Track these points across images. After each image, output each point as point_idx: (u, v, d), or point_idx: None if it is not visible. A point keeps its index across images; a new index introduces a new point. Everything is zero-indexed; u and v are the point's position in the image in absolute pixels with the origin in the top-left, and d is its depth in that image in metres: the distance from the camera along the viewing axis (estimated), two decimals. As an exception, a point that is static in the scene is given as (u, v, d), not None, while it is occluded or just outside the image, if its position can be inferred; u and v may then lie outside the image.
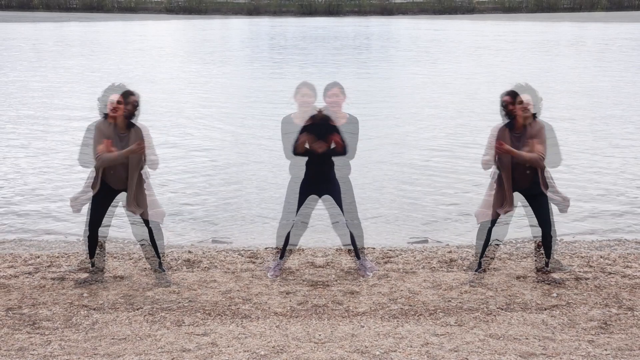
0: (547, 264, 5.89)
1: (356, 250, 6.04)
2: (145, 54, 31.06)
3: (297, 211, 5.93)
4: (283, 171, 9.52)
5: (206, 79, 22.11)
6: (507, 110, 5.63)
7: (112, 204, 5.72)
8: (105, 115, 5.56)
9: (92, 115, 5.89)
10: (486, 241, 5.84)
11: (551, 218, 5.73)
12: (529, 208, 5.82)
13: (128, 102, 5.52)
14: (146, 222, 5.67)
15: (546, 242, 5.82)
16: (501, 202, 5.66)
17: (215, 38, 44.15)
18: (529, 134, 5.58)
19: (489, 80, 20.84)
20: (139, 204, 5.57)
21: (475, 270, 5.91)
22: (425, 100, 17.45)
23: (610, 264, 6.22)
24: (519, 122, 5.60)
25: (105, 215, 5.70)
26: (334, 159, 5.85)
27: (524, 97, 5.57)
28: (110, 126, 5.54)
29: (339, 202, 5.88)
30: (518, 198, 5.73)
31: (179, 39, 43.63)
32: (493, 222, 5.76)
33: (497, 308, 5.18)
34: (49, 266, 6.22)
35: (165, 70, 24.44)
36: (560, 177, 5.84)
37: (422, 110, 15.89)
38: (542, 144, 5.52)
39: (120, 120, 5.54)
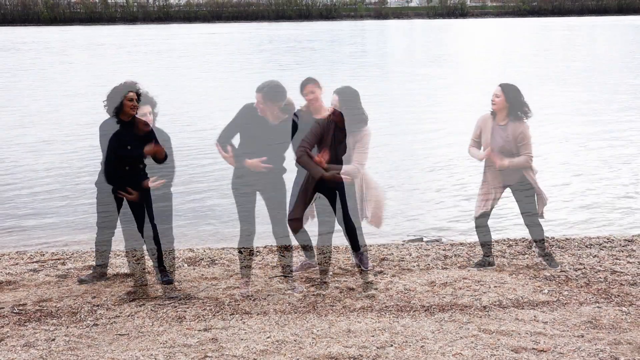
0: (540, 254, 6.04)
1: (356, 242, 5.94)
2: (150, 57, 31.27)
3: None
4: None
5: (212, 81, 22.20)
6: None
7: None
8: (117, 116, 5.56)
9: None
10: (488, 236, 6.00)
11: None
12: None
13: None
14: (151, 222, 5.73)
15: (535, 236, 5.97)
16: (488, 197, 5.82)
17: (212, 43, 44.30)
18: (513, 133, 5.70)
19: (480, 81, 20.97)
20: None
21: (488, 265, 6.06)
22: (419, 100, 17.57)
23: (599, 262, 6.32)
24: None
25: (109, 215, 5.76)
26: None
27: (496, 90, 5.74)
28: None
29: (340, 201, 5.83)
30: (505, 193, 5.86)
31: (188, 42, 43.74)
32: (487, 215, 5.90)
33: (490, 304, 5.26)
34: (54, 263, 6.31)
35: (171, 73, 24.60)
36: (545, 174, 5.96)
37: (416, 111, 16.01)
38: (528, 145, 5.71)
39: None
